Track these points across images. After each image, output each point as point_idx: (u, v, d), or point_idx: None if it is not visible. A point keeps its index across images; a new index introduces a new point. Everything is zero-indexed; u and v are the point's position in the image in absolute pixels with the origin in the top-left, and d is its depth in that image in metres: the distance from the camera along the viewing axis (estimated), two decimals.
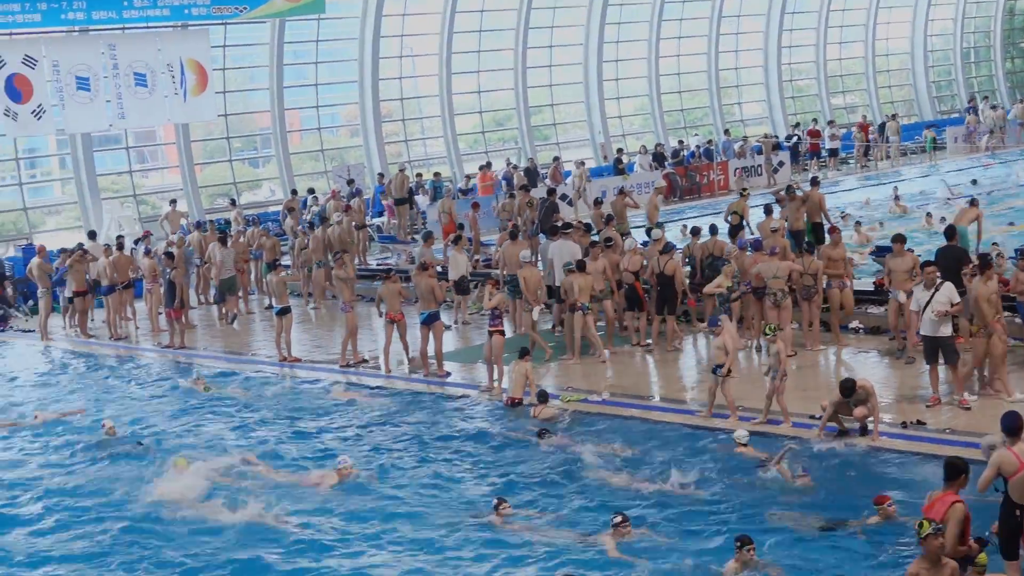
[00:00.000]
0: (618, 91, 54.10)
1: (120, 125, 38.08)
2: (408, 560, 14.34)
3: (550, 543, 14.41)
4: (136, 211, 41.32)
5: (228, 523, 15.65)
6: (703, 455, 17.26)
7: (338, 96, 47.98)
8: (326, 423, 20.69)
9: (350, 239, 32.40)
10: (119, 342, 29.52)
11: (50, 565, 14.92)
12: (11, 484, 18.32)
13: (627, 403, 20.27)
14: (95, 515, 16.56)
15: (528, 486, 16.61)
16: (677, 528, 14.66)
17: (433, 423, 20.13)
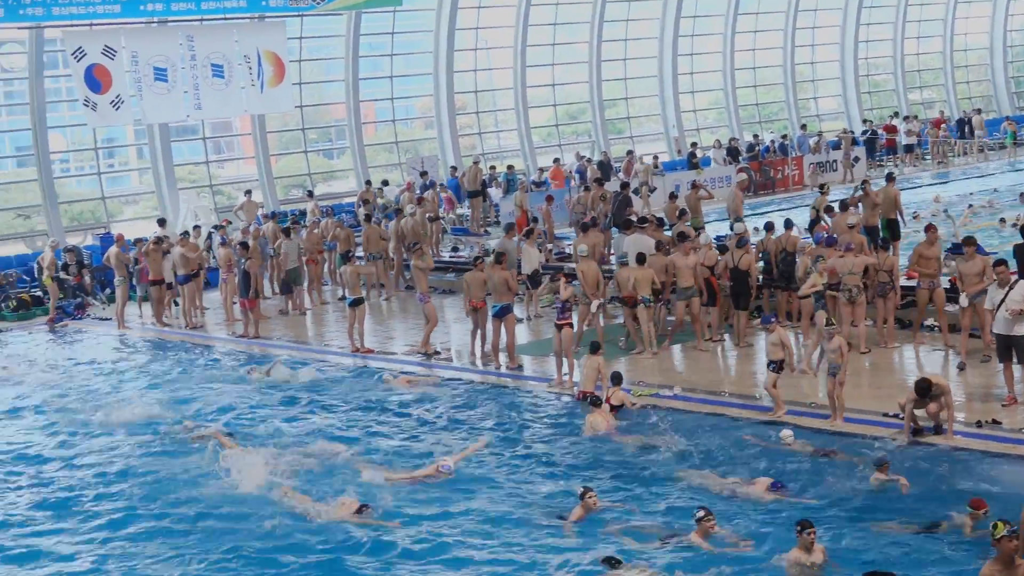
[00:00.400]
0: (693, 85, 53.83)
1: (196, 116, 38.34)
2: (485, 554, 14.26)
3: (633, 536, 14.28)
4: (212, 201, 41.61)
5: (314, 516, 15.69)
6: (771, 451, 17.14)
7: (413, 88, 48.05)
8: (396, 415, 20.72)
9: (423, 231, 32.46)
10: (194, 331, 29.75)
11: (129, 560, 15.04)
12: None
13: (700, 398, 20.17)
14: (167, 508, 16.72)
15: (602, 479, 16.50)
16: (755, 525, 14.54)
17: (503, 416, 20.10)
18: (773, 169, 46.43)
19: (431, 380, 22.83)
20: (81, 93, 34.86)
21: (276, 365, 24.25)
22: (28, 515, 16.68)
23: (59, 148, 40.14)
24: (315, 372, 23.96)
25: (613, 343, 24.00)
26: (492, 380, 22.67)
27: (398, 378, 23.01)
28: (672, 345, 23.99)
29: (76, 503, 17.05)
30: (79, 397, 23.41)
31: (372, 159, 45.68)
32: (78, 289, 34.05)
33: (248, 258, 28.17)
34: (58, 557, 14.99)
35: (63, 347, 29.18)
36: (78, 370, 26.18)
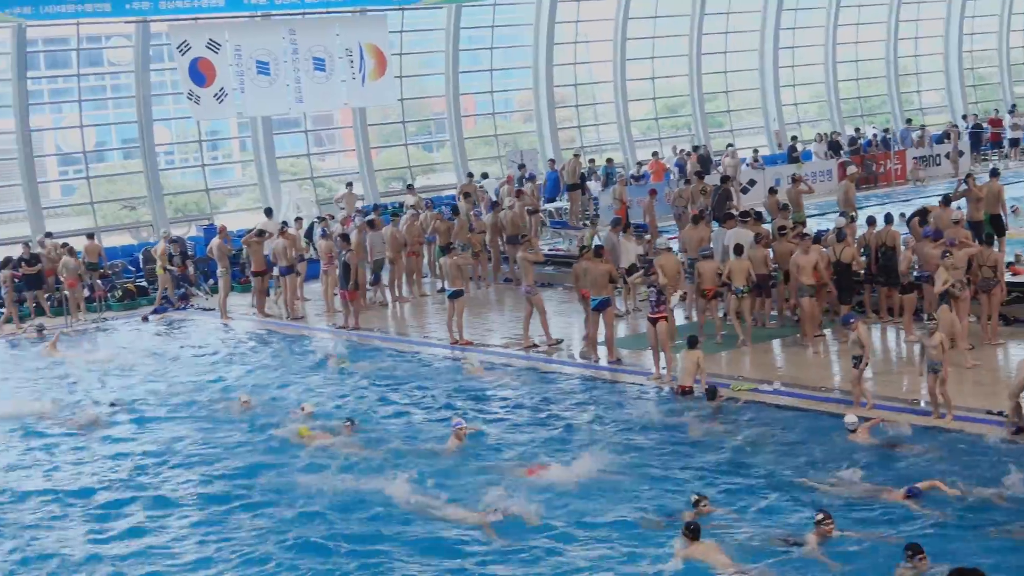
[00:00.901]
0: (794, 78, 53.39)
1: (298, 109, 38.67)
2: (589, 556, 13.97)
3: (747, 542, 14.00)
4: (313, 193, 41.93)
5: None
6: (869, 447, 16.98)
7: (512, 81, 48.10)
8: (496, 406, 20.79)
9: (522, 223, 32.51)
10: (295, 322, 29.99)
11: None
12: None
13: (800, 393, 19.99)
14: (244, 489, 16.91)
15: (703, 478, 16.35)
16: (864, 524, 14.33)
17: (603, 410, 20.06)
18: (875, 163, 45.94)
19: (508, 371, 23.04)
20: (185, 86, 35.32)
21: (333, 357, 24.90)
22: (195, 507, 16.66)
23: (164, 140, 40.66)
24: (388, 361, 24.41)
25: (711, 337, 23.87)
26: (590, 373, 22.64)
27: (477, 367, 23.23)
28: (778, 339, 23.88)
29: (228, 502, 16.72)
30: (183, 387, 23.71)
31: (471, 152, 45.80)
32: (182, 280, 34.45)
33: (349, 250, 28.35)
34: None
35: (166, 337, 29.54)
36: (181, 360, 26.50)
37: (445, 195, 42.13)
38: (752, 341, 23.55)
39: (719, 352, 23.17)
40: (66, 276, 31.81)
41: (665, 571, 13.29)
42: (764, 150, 48.26)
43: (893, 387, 19.73)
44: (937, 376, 17.80)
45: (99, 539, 15.42)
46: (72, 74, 38.09)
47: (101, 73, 40.46)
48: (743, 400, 19.73)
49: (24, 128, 36.66)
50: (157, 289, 33.97)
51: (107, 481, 17.84)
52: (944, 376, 17.79)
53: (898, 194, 42.84)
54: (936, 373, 17.80)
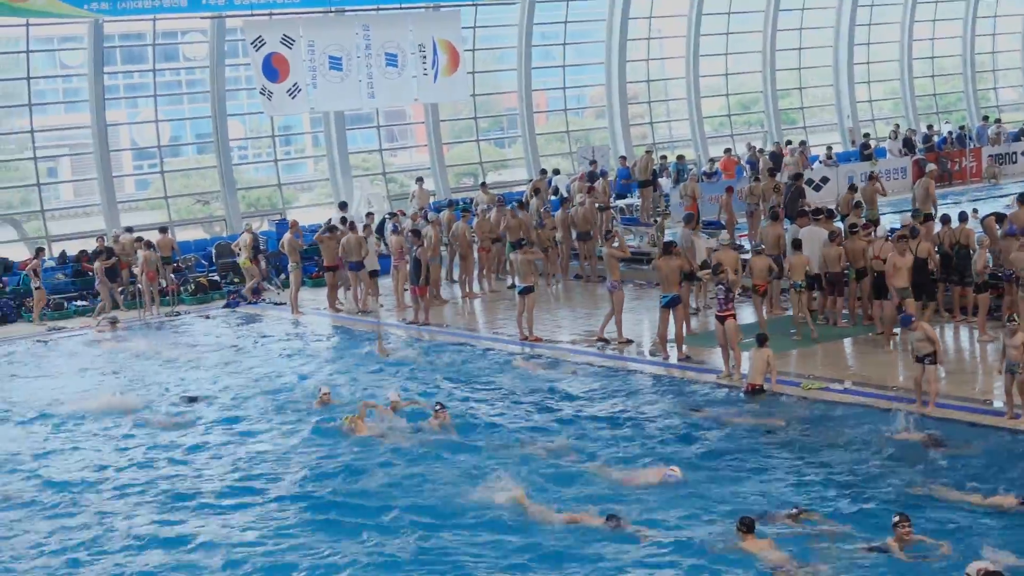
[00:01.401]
0: (868, 75, 52.98)
1: (369, 104, 38.81)
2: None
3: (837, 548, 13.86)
4: (385, 189, 42.09)
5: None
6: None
7: (585, 77, 48.05)
8: (559, 403, 20.80)
9: (593, 219, 32.51)
10: (365, 317, 30.15)
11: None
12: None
13: (871, 392, 19.86)
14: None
15: (780, 479, 16.26)
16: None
17: (670, 409, 20.04)
18: (950, 161, 45.49)
19: (568, 368, 23.20)
20: (259, 82, 35.53)
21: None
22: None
23: (238, 135, 40.94)
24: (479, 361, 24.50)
25: (784, 335, 23.79)
26: (660, 371, 22.62)
27: (529, 362, 23.64)
28: (849, 338, 23.79)
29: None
30: (258, 382, 23.91)
31: (543, 148, 45.79)
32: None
33: (419, 245, 28.47)
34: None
35: (239, 330, 29.79)
36: (254, 354, 26.72)
37: (516, 191, 42.14)
38: (822, 339, 23.43)
39: (791, 350, 23.09)
40: (146, 269, 32.08)
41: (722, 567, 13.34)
42: (838, 147, 47.91)
43: (966, 387, 19.55)
44: (1015, 377, 17.62)
45: (199, 535, 15.53)
46: (148, 69, 38.49)
47: (176, 68, 40.83)
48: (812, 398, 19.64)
49: (100, 123, 37.08)
50: (236, 282, 34.37)
51: (196, 480, 17.96)
52: (1023, 378, 17.60)
53: (973, 192, 42.41)
54: (1014, 374, 17.62)
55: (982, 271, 22.71)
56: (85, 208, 39.10)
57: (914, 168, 42.62)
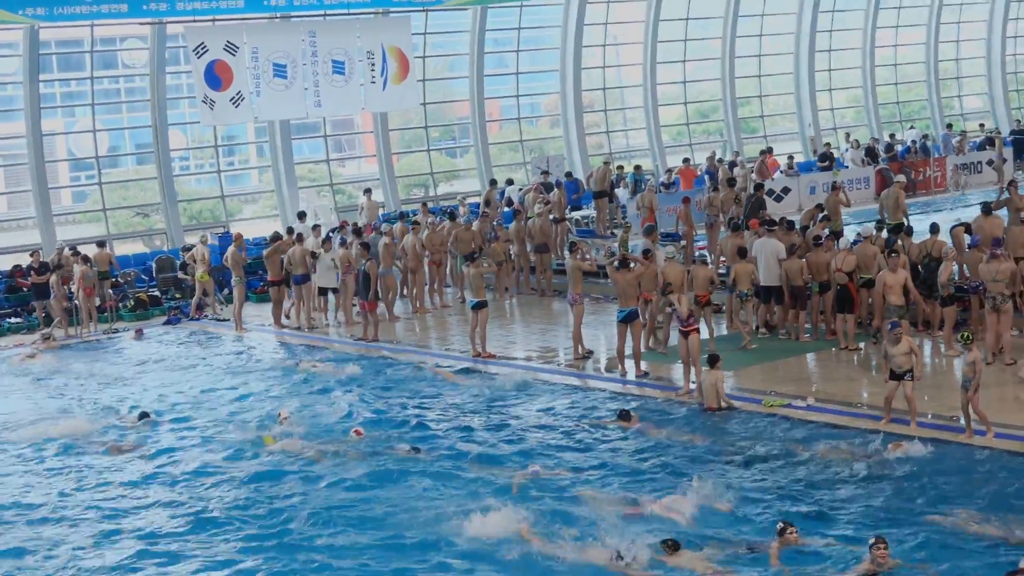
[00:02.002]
0: (830, 82, 53.19)
1: (316, 113, 38.59)
2: None
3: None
4: (332, 200, 41.90)
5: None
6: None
7: (539, 85, 48.03)
8: (525, 421, 20.72)
9: (550, 232, 32.47)
10: (311, 333, 29.97)
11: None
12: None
13: (835, 409, 19.87)
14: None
15: (748, 501, 16.19)
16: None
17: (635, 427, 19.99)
18: (914, 171, 45.65)
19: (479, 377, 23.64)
20: (200, 90, 35.26)
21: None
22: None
23: (179, 146, 40.68)
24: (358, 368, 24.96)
25: (742, 350, 23.88)
26: (617, 388, 22.58)
27: (442, 369, 24.30)
28: (812, 353, 23.84)
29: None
30: (204, 400, 23.71)
31: (496, 158, 45.71)
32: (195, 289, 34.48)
33: (368, 259, 28.33)
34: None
35: (178, 348, 29.55)
36: (197, 372, 26.52)
37: (469, 203, 42.04)
38: (785, 355, 23.50)
39: (752, 364, 23.13)
40: (82, 285, 31.75)
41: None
42: (799, 156, 48.02)
43: (933, 403, 19.59)
44: (967, 392, 17.76)
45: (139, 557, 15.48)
46: (85, 77, 38.11)
47: (115, 76, 40.51)
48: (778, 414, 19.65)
49: (36, 132, 36.70)
50: (178, 297, 34.22)
51: (143, 504, 17.81)
52: (971, 394, 17.74)
53: (939, 203, 42.62)
54: (967, 389, 17.75)
55: (946, 283, 22.76)
56: (19, 221, 38.70)
57: (877, 178, 42.77)
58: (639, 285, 23.57)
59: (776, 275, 24.82)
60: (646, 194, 35.60)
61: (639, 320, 23.40)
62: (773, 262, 24.83)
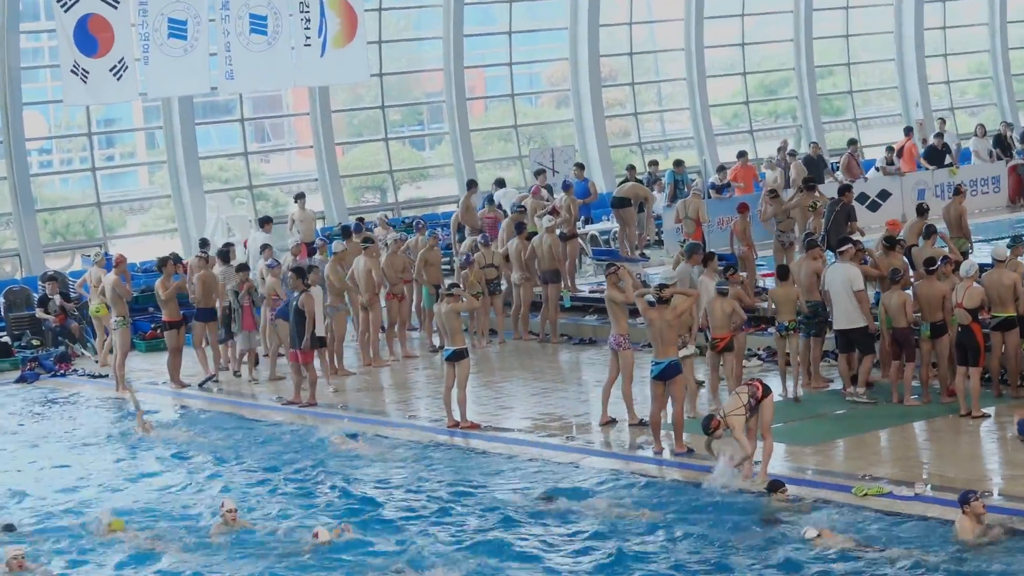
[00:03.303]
0: (945, 45, 53.33)
1: (228, 88, 38.40)
2: None
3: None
4: (252, 209, 41.88)
5: None
6: None
7: (540, 48, 48.15)
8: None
9: (561, 254, 32.47)
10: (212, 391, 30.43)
11: None
12: None
13: (952, 500, 19.82)
14: None
15: None
16: None
17: (670, 530, 19.97)
18: None
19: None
20: (68, 57, 35.14)
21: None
22: None
23: (37, 134, 40.71)
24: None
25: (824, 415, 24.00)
26: (651, 471, 22.57)
27: (355, 442, 24.91)
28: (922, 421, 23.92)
29: None
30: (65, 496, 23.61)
31: (481, 151, 45.79)
32: (61, 333, 34.40)
33: (303, 290, 28.17)
34: None
35: (37, 415, 29.49)
36: (63, 449, 26.44)
37: (442, 211, 42.11)
38: (884, 423, 23.61)
39: (837, 438, 23.20)
40: None
41: None
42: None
43: None
44: None
45: None
46: None
47: None
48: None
49: None
50: (36, 344, 34.23)
51: None
52: None
53: None
54: None
55: None
56: None
57: (1012, 177, 42.91)
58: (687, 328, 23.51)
59: (853, 313, 24.77)
60: (690, 200, 35.60)
61: (682, 376, 23.34)
62: (845, 296, 24.77)
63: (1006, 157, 45.47)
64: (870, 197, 41.07)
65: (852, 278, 24.88)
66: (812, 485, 20.91)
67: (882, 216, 39.79)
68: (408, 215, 41.27)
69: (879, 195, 41.76)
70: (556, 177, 40.35)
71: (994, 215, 40.76)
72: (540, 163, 41.66)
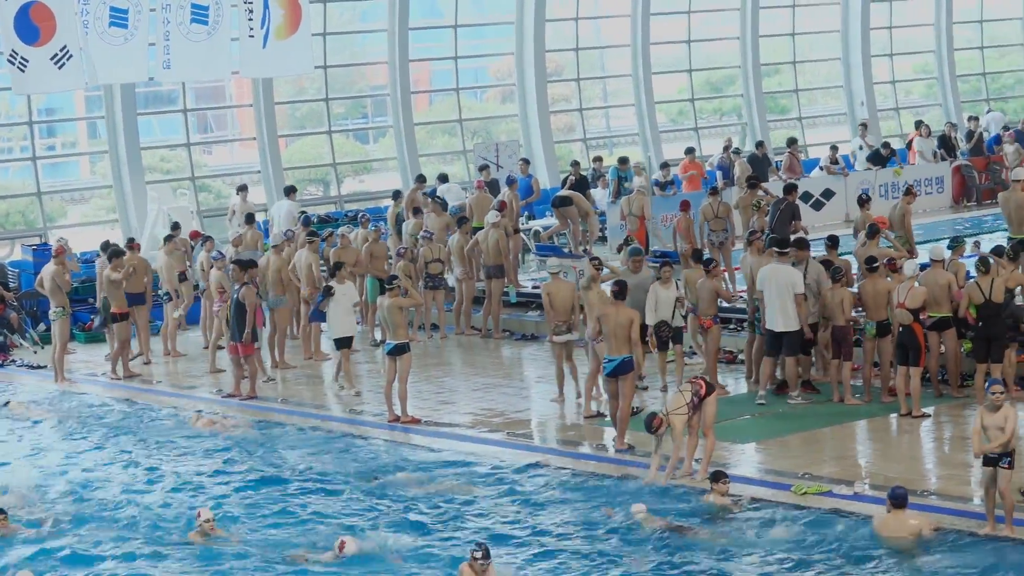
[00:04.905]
0: (891, 45, 53.53)
1: (166, 77, 38.19)
2: None
3: None
4: (195, 200, 41.78)
5: None
6: None
7: (486, 43, 48.15)
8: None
9: (506, 248, 32.46)
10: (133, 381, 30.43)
11: None
12: None
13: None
14: None
15: None
16: None
17: (596, 525, 20.07)
18: (1005, 168, 45.81)
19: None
20: (7, 44, 34.98)
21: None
22: None
23: None
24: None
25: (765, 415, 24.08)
26: (591, 467, 22.66)
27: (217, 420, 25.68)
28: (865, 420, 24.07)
29: None
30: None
31: (425, 145, 45.77)
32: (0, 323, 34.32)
33: (245, 283, 28.13)
34: None
35: None
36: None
37: (385, 205, 42.08)
38: (825, 422, 23.80)
39: (779, 436, 23.36)
40: None
41: None
42: (846, 148, 48.17)
43: None
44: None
45: None
46: None
47: None
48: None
49: None
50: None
51: None
52: None
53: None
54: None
55: None
56: None
57: (955, 178, 43.13)
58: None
59: (790, 316, 24.85)
60: (634, 197, 35.66)
61: (633, 373, 23.41)
62: (784, 297, 24.88)
63: (950, 158, 45.68)
64: (814, 196, 41.22)
65: (795, 281, 24.86)
66: (752, 483, 21.00)
67: (826, 215, 40.11)
68: (351, 208, 41.21)
69: (823, 194, 41.91)
70: (500, 172, 40.35)
71: (938, 216, 40.95)
72: (484, 158, 41.66)
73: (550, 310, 25.92)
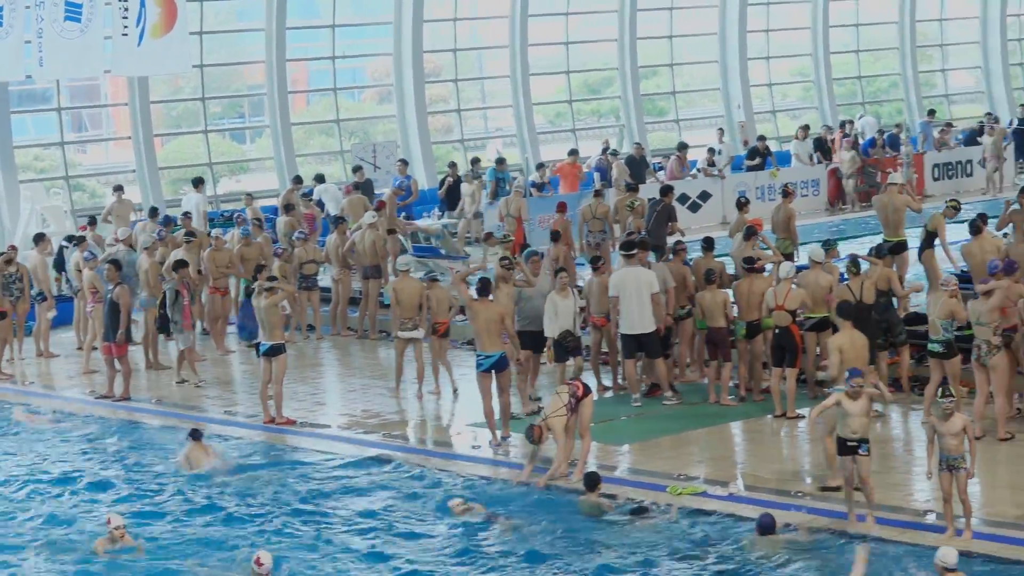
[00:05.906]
0: (768, 48, 53.83)
1: (38, 74, 37.88)
2: None
3: None
4: (68, 200, 41.47)
5: None
6: None
7: (364, 43, 48.05)
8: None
9: (384, 249, 32.43)
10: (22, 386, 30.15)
11: None
12: None
13: (765, 500, 20.05)
14: None
15: None
16: None
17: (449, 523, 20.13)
18: (881, 171, 46.18)
19: None
20: None
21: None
22: None
23: None
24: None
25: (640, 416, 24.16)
26: (467, 468, 22.68)
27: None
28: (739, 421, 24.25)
29: None
30: None
31: (302, 145, 45.63)
32: None
33: (118, 283, 27.99)
34: None
35: None
36: None
37: (262, 205, 41.90)
38: (699, 423, 23.95)
39: (653, 437, 23.39)
40: None
41: None
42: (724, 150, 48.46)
43: (899, 493, 19.92)
44: (954, 475, 17.91)
45: None
46: None
47: None
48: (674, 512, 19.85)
49: None
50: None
51: None
52: (969, 475, 17.92)
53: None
54: (953, 472, 17.90)
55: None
56: None
57: (831, 180, 43.43)
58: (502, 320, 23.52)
59: (647, 318, 24.94)
60: (511, 199, 35.67)
61: (509, 370, 23.46)
62: (640, 299, 24.94)
63: (826, 160, 46.02)
64: (691, 198, 41.41)
65: (649, 281, 24.91)
66: (628, 484, 21.07)
67: (703, 217, 40.30)
68: (227, 208, 41.00)
69: (700, 196, 42.15)
70: (377, 172, 40.32)
71: (813, 218, 41.22)
72: (360, 158, 41.58)
73: (396, 306, 26.72)
